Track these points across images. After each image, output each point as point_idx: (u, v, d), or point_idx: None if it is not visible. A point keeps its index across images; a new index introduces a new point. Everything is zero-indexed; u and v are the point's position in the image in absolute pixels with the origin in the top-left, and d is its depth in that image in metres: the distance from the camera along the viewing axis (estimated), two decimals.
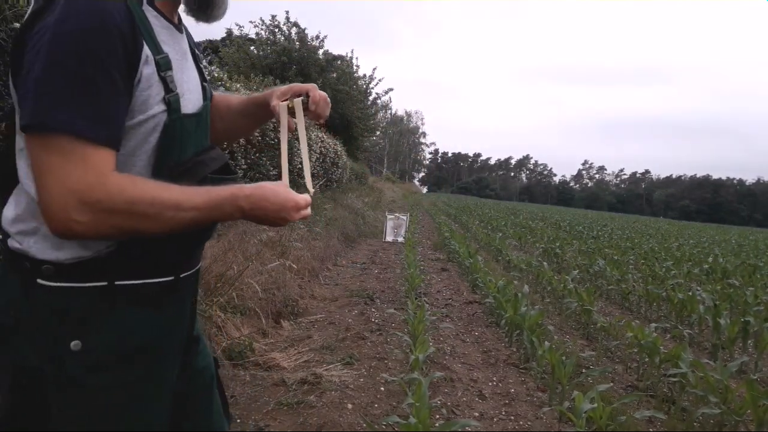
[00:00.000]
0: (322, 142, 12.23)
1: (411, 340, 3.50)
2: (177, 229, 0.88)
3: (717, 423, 2.83)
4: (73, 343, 0.87)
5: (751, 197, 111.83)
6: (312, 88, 1.14)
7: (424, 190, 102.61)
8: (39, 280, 0.87)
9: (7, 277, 0.91)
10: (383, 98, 23.42)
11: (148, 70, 0.87)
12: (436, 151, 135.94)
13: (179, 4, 1.00)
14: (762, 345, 4.11)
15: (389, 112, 70.02)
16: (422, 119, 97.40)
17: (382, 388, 3.12)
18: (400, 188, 42.06)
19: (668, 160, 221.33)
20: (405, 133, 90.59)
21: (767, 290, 6.81)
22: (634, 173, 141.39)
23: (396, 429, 2.58)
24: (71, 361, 0.87)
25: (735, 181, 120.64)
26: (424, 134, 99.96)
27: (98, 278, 0.89)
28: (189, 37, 1.07)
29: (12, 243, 0.90)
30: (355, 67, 20.00)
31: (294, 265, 5.18)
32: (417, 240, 10.71)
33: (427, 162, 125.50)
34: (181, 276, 1.01)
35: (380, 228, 10.98)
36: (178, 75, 0.94)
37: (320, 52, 18.19)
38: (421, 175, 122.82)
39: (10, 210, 0.92)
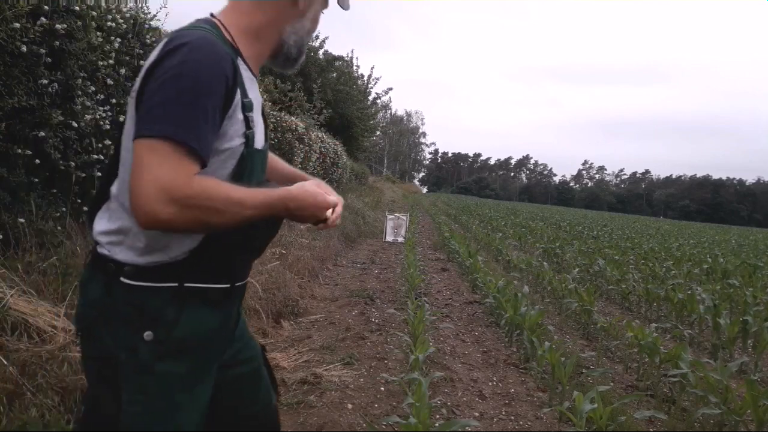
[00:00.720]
0: (321, 142, 12.21)
1: (411, 340, 3.50)
2: (238, 223, 1.03)
3: (717, 423, 2.82)
4: (146, 334, 1.04)
5: (751, 197, 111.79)
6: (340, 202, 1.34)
7: (424, 190, 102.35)
8: (122, 279, 1.05)
9: (94, 278, 1.10)
10: (383, 98, 23.44)
11: (237, 109, 1.07)
12: (436, 151, 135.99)
13: (262, 62, 1.22)
14: (762, 345, 4.11)
15: (389, 112, 70.10)
16: (422, 119, 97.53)
17: (382, 388, 3.12)
18: (400, 188, 42.08)
19: (668, 160, 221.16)
20: (405, 133, 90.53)
21: (767, 290, 6.82)
22: (634, 173, 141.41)
23: (396, 429, 2.58)
24: (143, 350, 1.04)
25: (735, 181, 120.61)
26: (424, 134, 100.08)
27: (171, 279, 1.06)
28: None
29: (101, 250, 1.09)
30: (355, 68, 20.03)
31: (294, 266, 5.18)
32: (417, 240, 10.71)
33: (427, 162, 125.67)
34: (236, 284, 1.19)
35: (380, 228, 10.99)
36: (255, 117, 1.13)
37: (320, 52, 18.20)
38: (421, 175, 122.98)
39: (102, 224, 1.12)
